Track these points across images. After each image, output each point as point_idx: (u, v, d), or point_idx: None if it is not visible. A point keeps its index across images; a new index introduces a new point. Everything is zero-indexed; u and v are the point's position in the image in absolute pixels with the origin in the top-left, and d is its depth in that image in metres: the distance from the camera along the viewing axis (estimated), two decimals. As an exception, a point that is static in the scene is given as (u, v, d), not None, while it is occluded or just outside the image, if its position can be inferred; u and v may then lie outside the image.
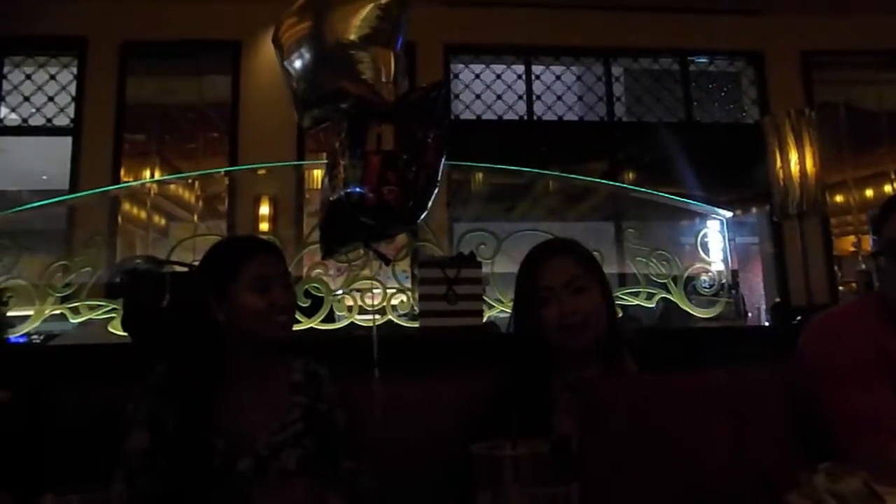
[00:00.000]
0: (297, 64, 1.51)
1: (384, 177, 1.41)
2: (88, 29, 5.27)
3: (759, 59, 5.86)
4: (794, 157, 2.85)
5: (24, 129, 5.39)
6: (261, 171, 4.21)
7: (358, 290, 2.26)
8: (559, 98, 5.81)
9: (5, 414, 1.07)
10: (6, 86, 5.34)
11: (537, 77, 5.80)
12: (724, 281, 2.69)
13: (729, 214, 3.15)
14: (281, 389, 1.33)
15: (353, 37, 1.46)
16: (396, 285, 2.26)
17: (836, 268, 5.68)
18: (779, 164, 2.91)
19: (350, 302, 2.25)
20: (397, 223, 1.52)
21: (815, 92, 5.78)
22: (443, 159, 1.50)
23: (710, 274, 2.66)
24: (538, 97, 5.77)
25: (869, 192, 6.12)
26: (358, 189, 1.43)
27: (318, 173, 5.05)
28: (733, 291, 2.80)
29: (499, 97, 5.71)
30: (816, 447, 1.07)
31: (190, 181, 4.90)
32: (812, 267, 3.49)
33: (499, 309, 2.32)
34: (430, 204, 1.49)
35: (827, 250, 5.53)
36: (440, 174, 1.49)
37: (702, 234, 2.86)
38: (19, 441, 1.09)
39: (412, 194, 1.44)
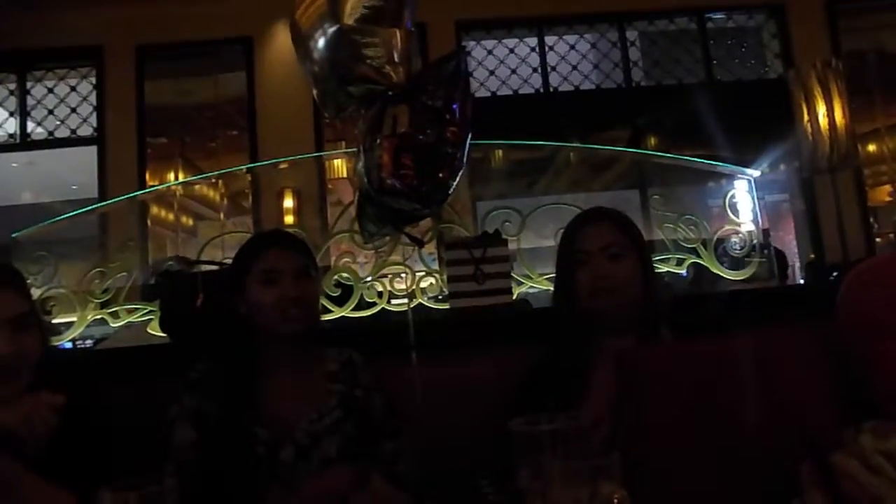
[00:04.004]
0: (312, 52, 1.49)
1: (399, 160, 1.40)
2: (102, 37, 5.35)
3: (779, 11, 5.67)
4: (822, 110, 2.76)
5: (50, 142, 5.52)
6: (282, 165, 4.24)
7: (386, 276, 2.27)
8: (574, 68, 5.72)
9: (63, 418, 1.12)
10: (30, 101, 5.46)
11: (551, 48, 5.72)
12: (755, 241, 2.64)
13: (757, 173, 3.07)
14: (317, 379, 1.35)
15: (357, 18, 1.41)
16: (424, 269, 2.27)
17: (871, 220, 5.52)
18: (806, 118, 2.83)
19: (380, 288, 2.27)
20: (423, 206, 1.50)
21: (842, 40, 5.59)
22: (468, 133, 1.46)
23: (740, 235, 2.61)
24: (553, 68, 5.69)
25: (903, 139, 5.92)
26: (376, 174, 1.43)
27: (338, 162, 5.08)
28: (766, 251, 2.74)
29: (513, 71, 5.64)
30: (859, 406, 1.05)
31: (213, 180, 4.96)
32: (846, 221, 3.40)
33: (528, 285, 2.31)
34: (454, 182, 1.46)
35: (861, 202, 5.39)
36: (466, 149, 1.45)
37: (730, 195, 2.79)
38: (77, 443, 1.13)
39: (429, 176, 1.43)
